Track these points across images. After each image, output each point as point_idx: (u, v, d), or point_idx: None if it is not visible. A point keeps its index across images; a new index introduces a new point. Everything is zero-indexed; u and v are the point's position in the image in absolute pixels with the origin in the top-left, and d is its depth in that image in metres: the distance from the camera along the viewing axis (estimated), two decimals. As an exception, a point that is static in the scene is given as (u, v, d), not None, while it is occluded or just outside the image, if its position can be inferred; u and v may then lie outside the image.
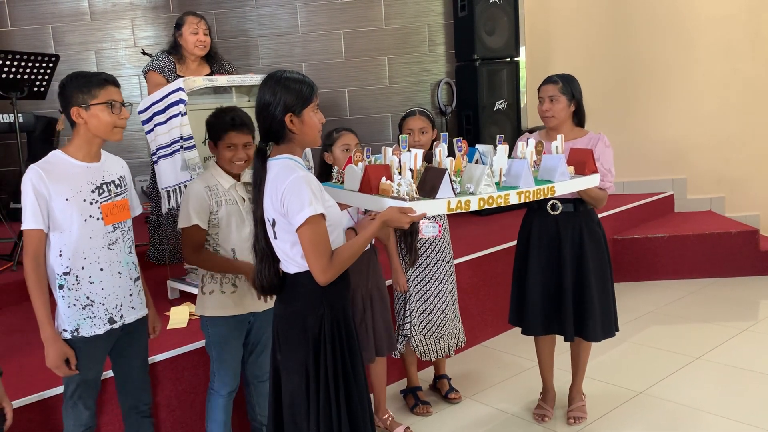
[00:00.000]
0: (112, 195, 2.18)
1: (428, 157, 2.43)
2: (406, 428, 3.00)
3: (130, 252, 2.25)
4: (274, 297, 2.09)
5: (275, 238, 1.98)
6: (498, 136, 2.62)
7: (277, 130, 1.94)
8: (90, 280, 2.13)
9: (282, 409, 2.08)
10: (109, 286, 2.17)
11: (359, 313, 2.83)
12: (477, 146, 2.67)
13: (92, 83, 2.09)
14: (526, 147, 2.49)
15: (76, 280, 2.12)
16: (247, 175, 2.56)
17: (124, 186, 2.25)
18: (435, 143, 2.51)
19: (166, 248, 3.87)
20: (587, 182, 2.51)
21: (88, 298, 2.13)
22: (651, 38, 5.64)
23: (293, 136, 1.95)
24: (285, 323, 2.03)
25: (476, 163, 2.59)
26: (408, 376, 3.30)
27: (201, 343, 2.82)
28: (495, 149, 2.56)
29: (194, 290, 3.34)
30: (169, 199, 3.13)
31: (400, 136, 2.45)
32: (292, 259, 1.96)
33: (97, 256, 2.13)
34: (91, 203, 2.12)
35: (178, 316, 3.13)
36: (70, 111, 2.09)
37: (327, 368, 1.97)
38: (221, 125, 2.48)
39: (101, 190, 2.15)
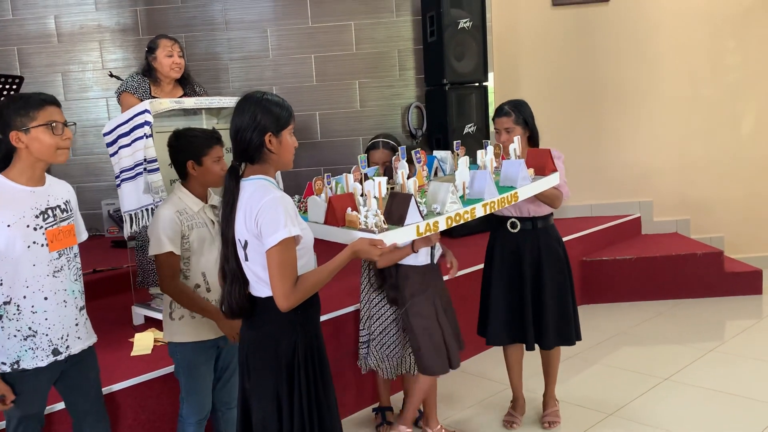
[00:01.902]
0: (58, 220, 2.09)
1: (388, 171, 2.46)
2: None
3: (76, 279, 2.15)
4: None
5: (246, 260, 1.95)
6: (455, 142, 2.67)
7: (255, 150, 1.93)
8: (33, 309, 2.03)
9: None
10: (53, 315, 2.06)
11: (436, 326, 2.83)
12: (435, 153, 2.71)
13: (30, 105, 1.99)
14: (485, 155, 2.56)
15: (18, 309, 2.02)
16: (214, 198, 2.52)
17: (70, 211, 2.16)
18: (394, 159, 2.53)
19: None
20: (548, 182, 2.64)
21: (30, 328, 2.03)
22: (616, 64, 5.76)
23: (270, 156, 1.94)
24: (255, 349, 1.99)
25: (436, 171, 2.65)
26: (379, 396, 3.28)
27: (165, 371, 2.76)
28: (453, 154, 2.62)
29: (159, 316, 3.27)
30: (131, 223, 3.06)
31: (359, 156, 2.47)
32: (264, 282, 1.92)
33: (41, 285, 2.03)
34: (35, 229, 2.02)
35: (143, 342, 3.06)
36: (9, 136, 1.98)
37: (301, 394, 1.93)
38: (206, 141, 2.43)
39: (46, 215, 2.06)
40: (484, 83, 5.42)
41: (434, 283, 2.89)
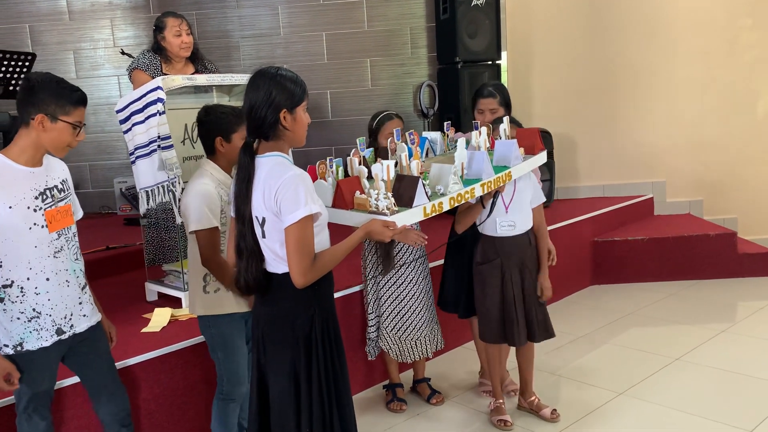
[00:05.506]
0: (56, 200, 2.06)
1: (383, 152, 2.53)
2: (552, 410, 3.02)
3: (76, 259, 2.14)
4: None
5: (263, 237, 1.96)
6: (445, 123, 2.74)
7: (269, 127, 1.92)
8: (36, 291, 2.02)
9: (266, 412, 2.06)
10: (56, 296, 2.06)
11: (493, 294, 2.89)
12: (425, 134, 2.79)
13: (71, 99, 1.98)
14: (479, 137, 2.65)
15: (21, 291, 2.01)
16: None
17: (67, 190, 2.13)
18: (390, 141, 2.58)
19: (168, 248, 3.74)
20: (537, 161, 2.80)
21: (34, 309, 2.02)
22: (630, 43, 5.69)
23: (285, 133, 1.94)
24: (272, 324, 2.01)
25: (427, 152, 2.73)
26: (389, 374, 3.30)
27: (178, 346, 2.79)
28: (443, 135, 2.78)
29: (173, 292, 3.31)
30: (147, 200, 3.07)
31: (358, 140, 2.49)
32: (281, 259, 1.94)
33: (43, 266, 2.02)
34: (35, 210, 2.00)
35: (158, 318, 3.07)
36: (32, 114, 1.95)
37: (319, 369, 1.96)
38: (236, 118, 2.40)
39: (45, 196, 2.03)
40: (497, 61, 5.38)
41: (509, 255, 2.88)
